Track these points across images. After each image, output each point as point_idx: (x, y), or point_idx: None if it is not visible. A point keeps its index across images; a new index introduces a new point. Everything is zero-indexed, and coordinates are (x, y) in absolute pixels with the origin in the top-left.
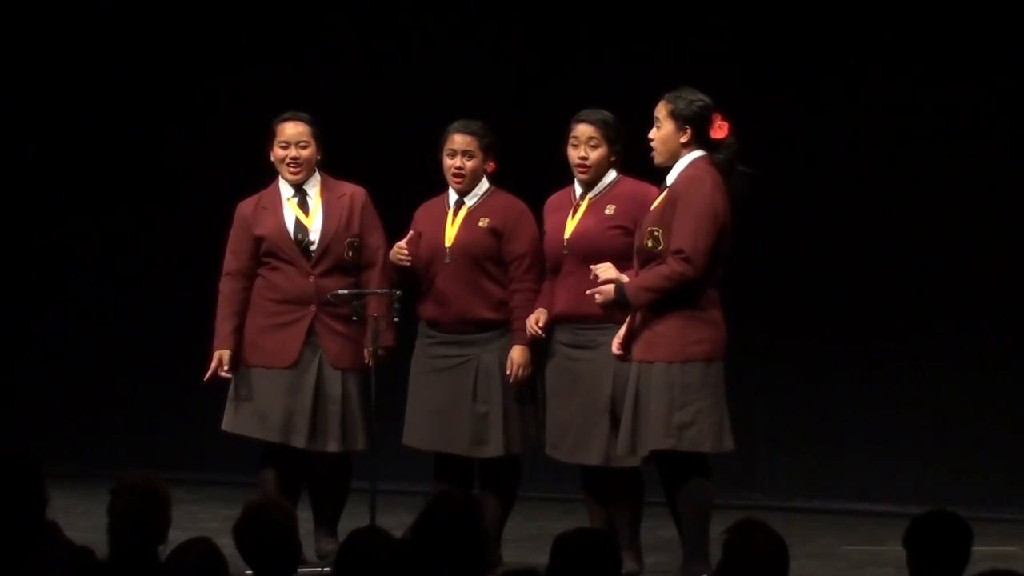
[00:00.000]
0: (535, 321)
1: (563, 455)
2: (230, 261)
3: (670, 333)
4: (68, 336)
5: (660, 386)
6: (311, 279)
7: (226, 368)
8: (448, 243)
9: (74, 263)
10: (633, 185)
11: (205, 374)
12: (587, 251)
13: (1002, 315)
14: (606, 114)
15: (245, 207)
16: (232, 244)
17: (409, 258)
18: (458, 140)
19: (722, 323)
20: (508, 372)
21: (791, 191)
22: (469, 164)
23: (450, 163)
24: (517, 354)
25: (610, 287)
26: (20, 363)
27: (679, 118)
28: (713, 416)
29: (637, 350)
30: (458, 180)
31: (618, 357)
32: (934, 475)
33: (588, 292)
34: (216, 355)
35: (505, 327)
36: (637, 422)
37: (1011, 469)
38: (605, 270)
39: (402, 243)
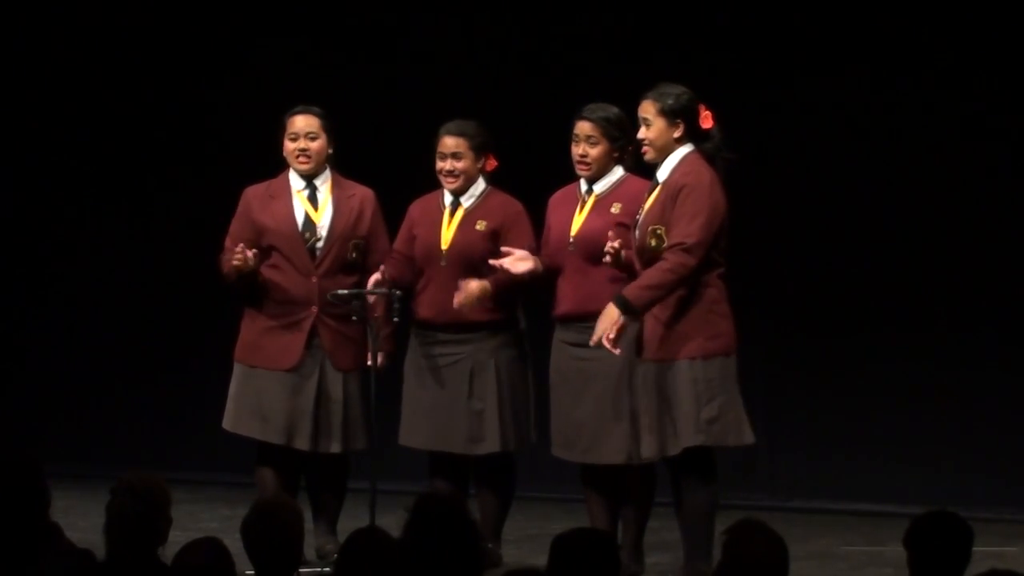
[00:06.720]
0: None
1: (576, 455)
2: (229, 244)
3: (690, 330)
4: (68, 336)
5: (685, 383)
6: (313, 279)
7: (251, 254)
8: (444, 246)
9: (74, 262)
10: (640, 184)
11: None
12: (593, 249)
13: (1002, 315)
14: (610, 110)
15: (252, 193)
16: (234, 228)
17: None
18: (448, 142)
19: (732, 317)
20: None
21: (792, 189)
22: (459, 165)
23: (441, 165)
24: (477, 285)
25: (610, 308)
26: (20, 363)
27: (670, 113)
28: (735, 409)
29: (653, 349)
30: (449, 182)
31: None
32: (934, 475)
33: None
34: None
35: (499, 326)
36: (664, 422)
37: (1011, 469)
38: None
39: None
